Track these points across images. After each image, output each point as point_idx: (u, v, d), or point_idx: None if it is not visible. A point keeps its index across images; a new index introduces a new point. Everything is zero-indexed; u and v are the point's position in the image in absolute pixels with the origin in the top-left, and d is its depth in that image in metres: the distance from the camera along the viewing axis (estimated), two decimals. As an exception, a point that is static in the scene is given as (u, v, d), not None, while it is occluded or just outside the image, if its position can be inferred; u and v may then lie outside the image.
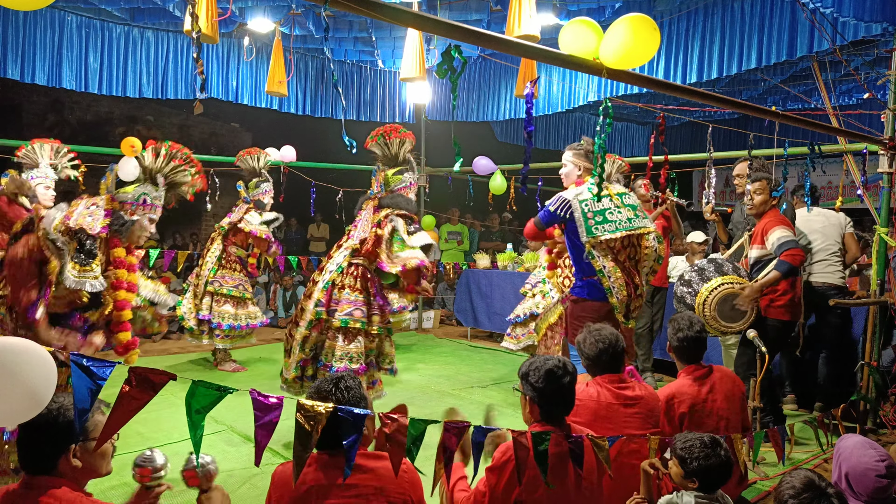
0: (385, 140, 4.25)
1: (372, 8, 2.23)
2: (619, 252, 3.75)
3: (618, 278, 3.64)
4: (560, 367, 2.29)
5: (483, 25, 6.35)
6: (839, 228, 5.04)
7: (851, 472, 2.25)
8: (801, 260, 4.01)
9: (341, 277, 4.06)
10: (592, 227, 3.67)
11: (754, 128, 5.24)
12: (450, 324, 9.14)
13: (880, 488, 2.19)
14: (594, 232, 3.66)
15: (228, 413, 4.39)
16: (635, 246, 3.83)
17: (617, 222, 3.71)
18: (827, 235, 5.01)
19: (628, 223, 3.74)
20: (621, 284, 3.65)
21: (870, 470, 2.20)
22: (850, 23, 5.19)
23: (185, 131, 12.48)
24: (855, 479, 2.23)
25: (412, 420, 1.92)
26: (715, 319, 4.04)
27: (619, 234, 3.68)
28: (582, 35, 2.75)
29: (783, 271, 3.95)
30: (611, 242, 3.69)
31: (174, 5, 6.19)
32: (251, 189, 6.23)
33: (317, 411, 1.77)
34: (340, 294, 4.02)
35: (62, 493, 1.77)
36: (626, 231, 3.71)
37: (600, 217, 3.70)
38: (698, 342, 3.15)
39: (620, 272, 3.67)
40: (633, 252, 3.83)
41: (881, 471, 2.19)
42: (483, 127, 10.21)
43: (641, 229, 3.78)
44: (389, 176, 4.27)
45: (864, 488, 2.21)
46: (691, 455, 2.26)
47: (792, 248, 3.96)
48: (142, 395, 1.67)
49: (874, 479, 2.19)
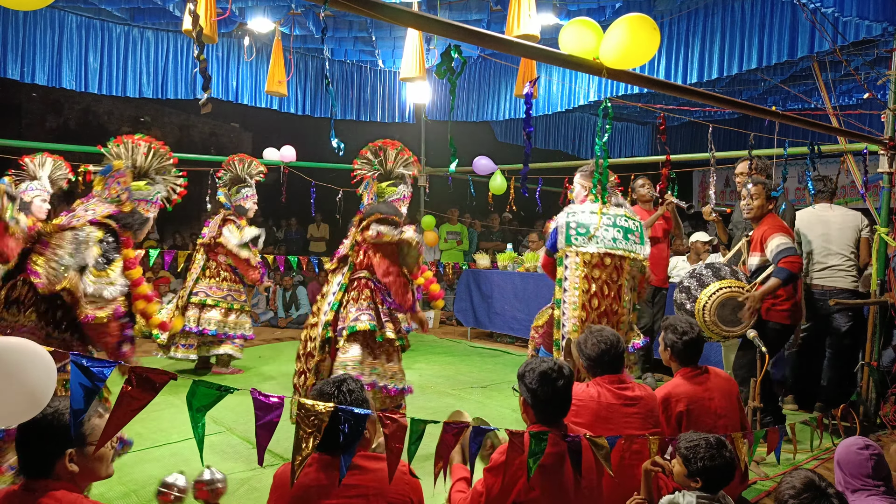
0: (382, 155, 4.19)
1: (372, 8, 2.23)
2: (596, 270, 3.68)
3: (576, 296, 3.60)
4: (555, 369, 2.29)
5: (483, 25, 6.35)
6: (855, 231, 4.89)
7: (842, 461, 2.45)
8: (799, 267, 4.00)
9: (346, 295, 3.97)
10: (572, 237, 3.70)
11: (754, 128, 5.24)
12: (450, 324, 9.14)
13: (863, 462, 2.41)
14: (572, 241, 3.68)
15: (228, 414, 4.39)
16: (618, 269, 3.75)
17: (598, 239, 3.69)
18: (841, 237, 4.86)
19: (612, 243, 3.70)
20: (576, 303, 3.62)
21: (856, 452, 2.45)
22: (850, 23, 5.19)
23: (185, 131, 12.50)
24: (846, 467, 2.44)
25: (412, 420, 1.92)
26: (715, 324, 4.03)
27: (596, 251, 3.65)
28: (582, 35, 2.75)
29: (783, 279, 3.93)
30: (586, 257, 3.66)
31: (174, 5, 6.19)
32: (232, 195, 5.96)
33: (317, 411, 1.77)
34: (346, 311, 3.91)
35: (61, 496, 1.77)
36: (606, 249, 3.68)
37: (583, 230, 3.71)
38: (696, 344, 3.15)
39: (583, 292, 3.61)
40: (615, 275, 3.73)
41: (861, 445, 2.45)
42: (483, 127, 10.22)
43: (626, 252, 3.72)
44: (384, 188, 4.22)
45: (854, 473, 2.42)
46: (696, 455, 2.26)
47: (791, 255, 3.95)
48: (142, 395, 1.67)
49: (855, 452, 2.44)
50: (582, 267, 3.66)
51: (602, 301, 3.68)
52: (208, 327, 5.73)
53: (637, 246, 3.78)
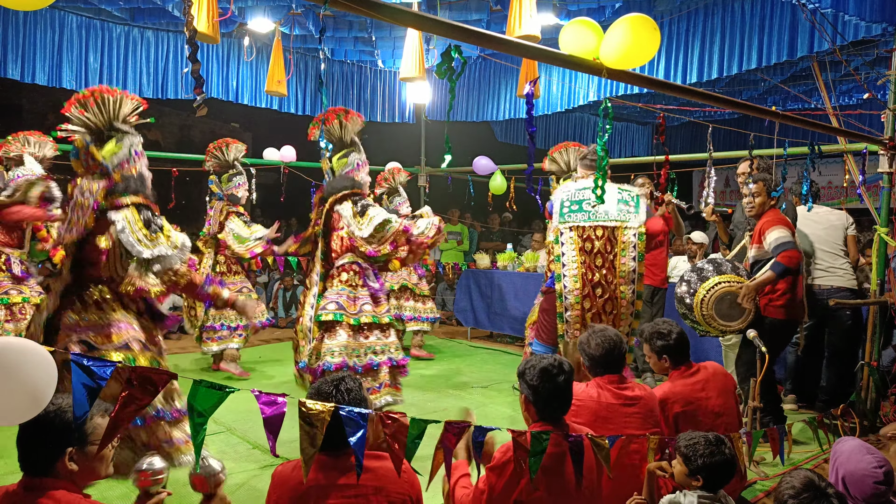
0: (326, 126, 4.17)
1: (372, 8, 2.23)
2: (588, 243, 3.73)
3: (574, 268, 3.66)
4: (555, 365, 2.29)
5: (483, 25, 6.35)
6: (841, 230, 4.97)
7: (849, 476, 2.24)
8: (797, 261, 3.99)
9: (325, 283, 4.11)
10: (565, 213, 3.79)
11: (754, 128, 5.24)
12: (450, 324, 9.14)
13: (878, 494, 2.18)
14: (564, 217, 3.77)
15: (228, 414, 4.39)
16: (611, 240, 3.77)
17: (591, 213, 3.75)
18: (829, 236, 4.94)
19: (605, 216, 3.75)
20: (575, 275, 3.67)
21: (867, 476, 2.19)
22: (850, 23, 5.19)
23: (185, 131, 12.49)
24: (852, 484, 2.22)
25: (412, 419, 1.92)
26: (713, 318, 4.04)
27: (589, 224, 3.72)
28: (582, 35, 2.75)
29: (777, 272, 3.94)
30: (580, 231, 3.71)
31: (174, 5, 6.19)
32: (224, 183, 5.89)
33: (317, 411, 1.77)
34: (324, 300, 4.04)
35: (61, 496, 1.77)
36: (598, 223, 3.73)
37: (576, 206, 3.78)
38: (685, 338, 3.13)
39: (580, 264, 3.68)
40: (608, 246, 3.75)
41: (879, 477, 2.18)
42: (483, 127, 10.21)
43: (618, 223, 3.75)
44: (334, 162, 4.21)
45: (861, 493, 2.20)
46: (696, 453, 2.26)
47: (788, 249, 3.95)
48: (142, 395, 1.67)
49: (872, 485, 2.18)
50: (577, 240, 3.73)
51: (597, 272, 3.74)
52: (230, 323, 5.82)
53: (631, 216, 3.78)
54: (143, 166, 3.04)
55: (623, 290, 3.77)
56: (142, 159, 3.04)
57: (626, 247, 3.76)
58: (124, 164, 2.94)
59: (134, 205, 2.87)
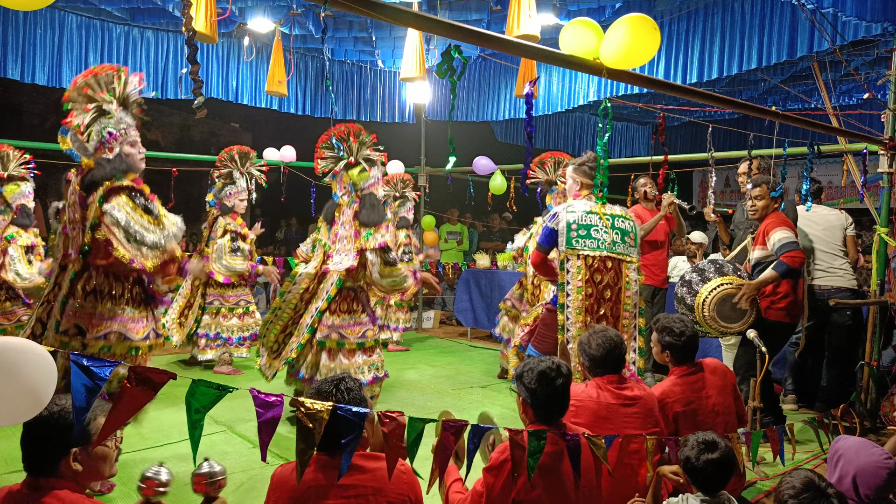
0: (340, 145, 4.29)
1: (372, 8, 2.23)
2: (598, 274, 3.62)
3: (579, 300, 3.54)
4: (553, 368, 2.28)
5: (483, 25, 6.36)
6: (840, 230, 4.97)
7: (860, 472, 2.24)
8: (800, 262, 3.98)
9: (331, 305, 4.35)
10: (573, 238, 3.59)
11: (754, 128, 5.24)
12: (450, 324, 9.13)
13: (886, 486, 2.20)
14: (573, 244, 3.57)
15: (228, 414, 4.40)
16: (618, 272, 3.67)
17: (600, 241, 3.61)
18: (829, 237, 4.94)
19: (612, 245, 3.64)
20: (579, 308, 3.54)
21: (881, 468, 2.21)
22: (850, 23, 5.19)
23: (185, 131, 12.49)
24: (865, 478, 2.22)
25: (410, 419, 1.92)
26: (714, 320, 4.04)
27: (599, 254, 3.59)
28: (582, 35, 2.75)
29: (781, 272, 3.94)
30: (588, 260, 3.59)
31: (174, 5, 6.20)
32: (217, 190, 5.76)
33: (316, 410, 1.76)
34: (330, 318, 4.32)
35: (64, 495, 1.77)
36: (608, 252, 3.61)
37: (584, 231, 3.61)
38: (694, 341, 3.13)
39: (585, 297, 3.55)
40: (615, 278, 3.65)
41: (892, 467, 2.20)
42: (483, 127, 10.21)
43: (623, 256, 3.67)
44: (354, 176, 4.31)
45: (874, 485, 2.21)
46: (689, 458, 2.26)
47: (792, 249, 3.95)
48: (142, 394, 1.67)
49: (885, 476, 2.19)
50: (585, 270, 3.58)
51: (603, 305, 3.62)
52: (231, 335, 5.81)
53: (632, 249, 3.73)
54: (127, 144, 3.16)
55: (626, 323, 3.69)
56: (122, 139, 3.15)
57: (630, 282, 3.69)
58: (110, 140, 3.09)
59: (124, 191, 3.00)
